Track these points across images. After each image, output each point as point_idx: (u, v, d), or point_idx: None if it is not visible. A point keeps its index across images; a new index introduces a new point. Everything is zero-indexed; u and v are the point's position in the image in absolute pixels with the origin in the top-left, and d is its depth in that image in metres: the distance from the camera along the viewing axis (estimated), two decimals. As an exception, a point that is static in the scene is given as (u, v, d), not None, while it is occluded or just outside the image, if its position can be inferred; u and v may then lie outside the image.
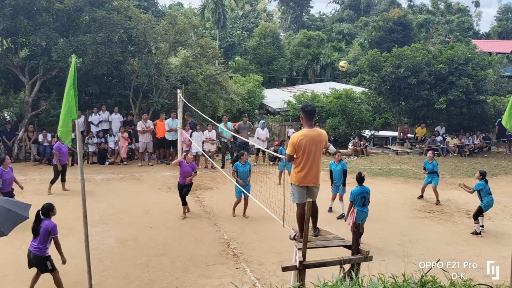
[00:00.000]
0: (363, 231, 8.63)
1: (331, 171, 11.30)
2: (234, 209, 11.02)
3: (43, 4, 15.89)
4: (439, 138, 20.55)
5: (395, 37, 40.79)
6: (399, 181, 15.14)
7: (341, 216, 10.86)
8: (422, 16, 53.14)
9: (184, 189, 10.66)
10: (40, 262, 6.68)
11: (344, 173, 11.07)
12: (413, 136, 22.26)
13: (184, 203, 10.78)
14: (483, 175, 10.32)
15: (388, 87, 20.77)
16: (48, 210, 6.78)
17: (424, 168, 12.89)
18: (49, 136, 16.05)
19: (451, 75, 20.11)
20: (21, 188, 10.38)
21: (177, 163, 10.82)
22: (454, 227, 10.61)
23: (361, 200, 8.76)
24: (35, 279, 6.88)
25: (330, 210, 11.40)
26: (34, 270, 7.59)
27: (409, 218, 11.20)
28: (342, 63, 14.81)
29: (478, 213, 10.20)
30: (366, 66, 21.55)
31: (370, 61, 21.22)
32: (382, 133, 24.24)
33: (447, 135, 21.47)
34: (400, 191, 13.63)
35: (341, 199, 11.11)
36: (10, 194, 9.68)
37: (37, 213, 6.72)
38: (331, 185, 11.39)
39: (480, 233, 10.05)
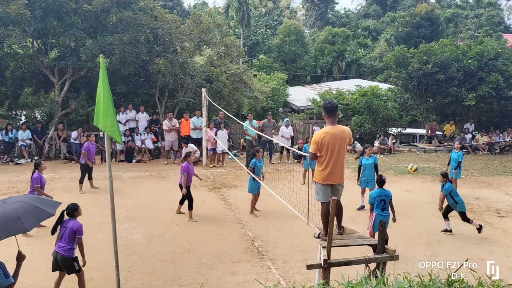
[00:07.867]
0: (387, 238, 8.45)
1: (360, 166, 11.28)
2: (254, 206, 10.93)
3: (71, 6, 16.27)
4: (469, 136, 20.07)
5: (423, 32, 40.04)
6: (427, 179, 14.86)
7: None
8: (450, 11, 51.95)
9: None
10: (67, 263, 6.55)
11: (376, 167, 11.04)
12: (441, 133, 21.83)
13: (182, 203, 10.67)
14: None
15: (416, 83, 20.45)
16: (73, 210, 6.65)
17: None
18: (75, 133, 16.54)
19: (480, 70, 19.63)
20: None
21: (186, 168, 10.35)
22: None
23: (380, 203, 8.43)
24: (59, 282, 6.78)
25: (362, 207, 11.23)
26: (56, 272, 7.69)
27: (437, 217, 10.94)
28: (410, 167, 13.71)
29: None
30: (392, 62, 21.31)
31: (397, 57, 20.96)
32: (409, 130, 23.88)
33: (476, 132, 20.95)
34: (428, 190, 13.37)
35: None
36: None
37: (61, 213, 6.57)
38: (358, 181, 11.39)
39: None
